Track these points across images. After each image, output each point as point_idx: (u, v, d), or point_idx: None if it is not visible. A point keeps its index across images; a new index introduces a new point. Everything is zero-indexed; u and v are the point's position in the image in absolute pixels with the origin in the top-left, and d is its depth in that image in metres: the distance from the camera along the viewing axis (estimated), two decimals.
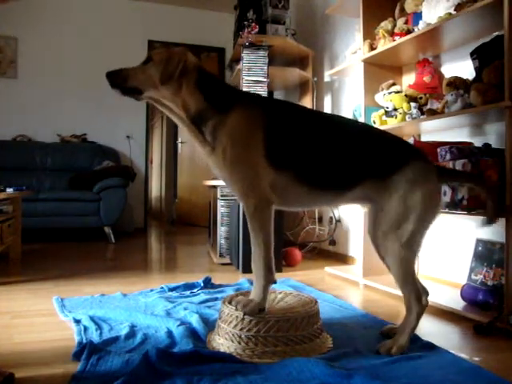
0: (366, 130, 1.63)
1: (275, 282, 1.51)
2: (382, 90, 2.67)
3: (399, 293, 1.53)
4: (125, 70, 1.46)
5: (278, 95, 4.67)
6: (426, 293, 1.61)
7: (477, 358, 1.46)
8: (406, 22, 2.54)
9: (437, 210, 1.50)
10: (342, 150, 1.48)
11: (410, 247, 1.45)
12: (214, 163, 1.49)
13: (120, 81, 1.45)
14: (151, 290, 2.31)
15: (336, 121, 1.61)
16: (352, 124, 1.70)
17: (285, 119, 1.48)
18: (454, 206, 1.96)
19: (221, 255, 3.30)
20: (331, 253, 3.62)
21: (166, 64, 1.42)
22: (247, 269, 2.75)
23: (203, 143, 1.49)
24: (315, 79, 3.84)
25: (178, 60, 1.43)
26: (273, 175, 1.43)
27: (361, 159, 1.48)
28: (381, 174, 1.47)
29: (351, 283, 2.68)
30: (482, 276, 2.13)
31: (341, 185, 1.50)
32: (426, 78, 2.46)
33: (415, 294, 1.47)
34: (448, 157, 2.04)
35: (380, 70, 2.77)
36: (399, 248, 1.44)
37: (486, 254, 2.15)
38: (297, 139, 1.46)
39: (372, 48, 2.69)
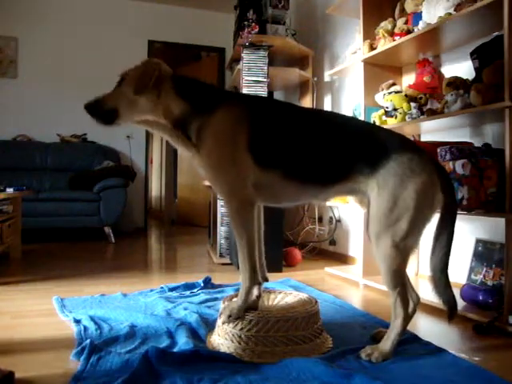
0: (351, 123, 1.54)
1: (260, 283, 1.52)
2: (382, 89, 2.67)
3: None
4: (100, 98, 1.47)
5: (278, 95, 4.67)
6: (417, 298, 1.53)
7: (477, 358, 1.46)
8: (406, 22, 2.54)
9: (434, 205, 1.39)
10: (326, 145, 1.44)
11: (402, 248, 1.36)
12: (199, 164, 1.50)
13: (98, 108, 1.46)
14: (151, 290, 2.31)
15: (320, 115, 1.58)
16: (336, 118, 1.62)
17: (268, 117, 1.47)
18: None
19: (221, 255, 3.30)
20: (331, 253, 3.62)
21: (140, 75, 1.44)
22: None
23: (189, 147, 1.49)
24: (315, 79, 3.84)
25: (152, 69, 1.45)
26: (258, 173, 1.43)
27: (344, 153, 1.42)
28: (366, 169, 1.40)
29: (351, 283, 2.68)
30: (481, 276, 2.13)
31: (326, 179, 1.45)
32: (426, 78, 2.46)
33: (402, 298, 1.40)
34: (448, 157, 2.04)
35: (380, 70, 2.77)
36: (389, 248, 1.36)
37: (485, 254, 2.15)
38: (281, 136, 1.44)
39: (372, 48, 2.69)
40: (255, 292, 1.53)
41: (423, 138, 2.63)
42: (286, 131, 1.45)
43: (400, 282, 1.39)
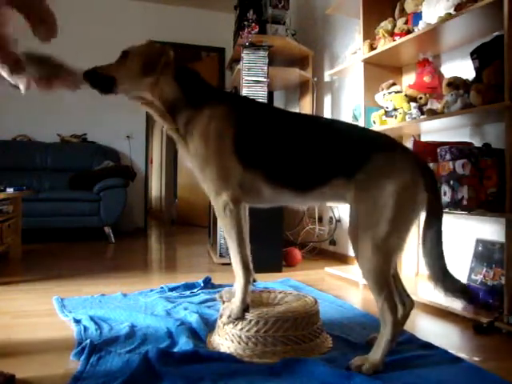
0: (330, 126, 1.50)
1: (255, 281, 1.51)
2: (382, 90, 2.67)
3: None
4: (101, 67, 1.46)
5: (277, 95, 4.67)
6: (411, 303, 1.45)
7: (477, 358, 1.46)
8: (406, 22, 2.54)
9: (416, 206, 1.34)
10: (303, 149, 1.42)
11: (384, 250, 1.30)
12: (186, 157, 1.50)
13: (98, 76, 1.45)
14: (151, 290, 2.31)
15: (299, 119, 1.56)
16: (316, 121, 1.58)
17: (254, 118, 1.47)
18: (454, 205, 1.96)
19: (221, 255, 3.30)
20: (331, 253, 3.62)
21: (148, 56, 1.45)
22: None
23: (178, 135, 1.50)
24: (315, 79, 3.84)
25: (160, 52, 1.46)
26: (241, 173, 1.43)
27: (321, 158, 1.40)
28: (345, 173, 1.37)
29: (351, 283, 2.68)
30: (481, 276, 2.13)
31: (307, 184, 1.43)
32: (426, 78, 2.46)
33: (389, 303, 1.32)
34: (448, 157, 2.04)
35: (380, 70, 2.77)
36: (370, 251, 1.31)
37: (485, 254, 2.15)
38: (265, 138, 1.44)
39: (372, 48, 2.68)
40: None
41: (423, 138, 2.63)
42: (268, 134, 1.45)
43: (385, 286, 1.32)
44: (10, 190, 3.08)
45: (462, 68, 2.35)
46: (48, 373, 1.32)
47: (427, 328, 1.87)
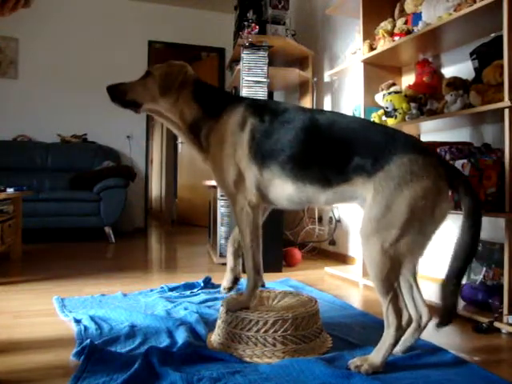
0: (351, 123, 1.44)
1: (263, 285, 1.54)
2: (382, 90, 2.67)
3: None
4: (124, 84, 1.55)
5: (277, 96, 4.67)
6: (427, 314, 1.48)
7: (477, 358, 1.46)
8: (406, 23, 2.54)
9: (435, 214, 1.28)
10: (324, 147, 1.39)
11: (392, 254, 1.27)
12: (209, 167, 1.56)
13: (119, 94, 1.53)
14: (151, 290, 2.31)
15: (320, 115, 1.49)
16: (337, 118, 1.48)
17: (269, 119, 1.45)
18: (454, 205, 1.96)
19: (221, 255, 3.30)
20: (331, 253, 3.62)
21: (165, 76, 1.50)
22: None
23: (199, 150, 1.56)
24: (315, 79, 3.84)
25: (177, 72, 1.50)
26: (258, 174, 1.44)
27: (342, 156, 1.36)
28: (365, 172, 1.32)
29: (351, 283, 2.68)
30: (481, 276, 2.13)
31: (324, 181, 1.39)
32: (426, 78, 2.46)
33: (394, 307, 1.31)
34: (448, 157, 2.04)
35: (380, 70, 2.77)
36: (378, 253, 1.28)
37: (485, 254, 2.15)
38: (280, 138, 1.42)
39: (372, 48, 2.69)
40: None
41: (423, 138, 2.63)
42: (286, 132, 1.42)
43: (391, 290, 1.30)
44: (10, 190, 3.09)
45: (462, 68, 2.35)
46: (48, 373, 1.32)
47: (427, 328, 1.87)
